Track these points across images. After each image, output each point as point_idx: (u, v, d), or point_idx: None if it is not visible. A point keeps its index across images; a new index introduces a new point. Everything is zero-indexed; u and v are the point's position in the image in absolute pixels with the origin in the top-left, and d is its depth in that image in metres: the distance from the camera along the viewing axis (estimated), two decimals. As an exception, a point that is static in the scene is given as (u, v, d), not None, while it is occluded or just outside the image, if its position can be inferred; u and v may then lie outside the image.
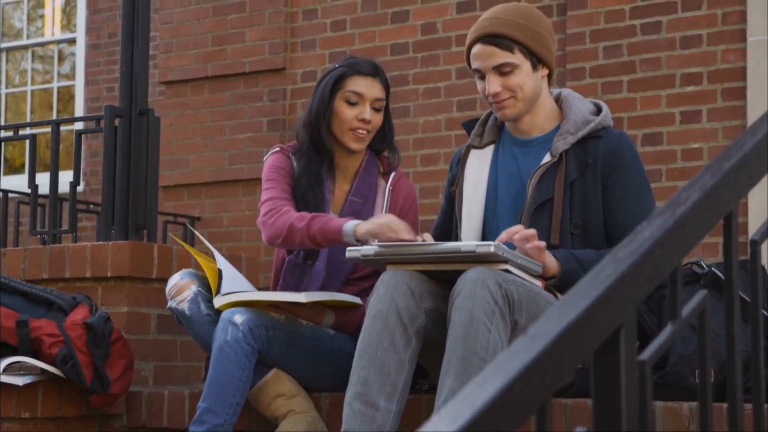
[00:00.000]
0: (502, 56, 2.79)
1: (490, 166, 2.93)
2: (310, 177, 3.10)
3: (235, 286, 2.99)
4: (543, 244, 2.63)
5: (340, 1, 6.32)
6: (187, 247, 3.33)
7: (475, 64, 2.83)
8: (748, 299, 2.37)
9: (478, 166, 2.94)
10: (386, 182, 3.16)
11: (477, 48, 2.82)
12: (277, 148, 3.20)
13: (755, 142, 1.56)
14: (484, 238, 2.89)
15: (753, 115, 5.09)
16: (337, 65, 3.14)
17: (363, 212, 3.11)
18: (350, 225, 2.86)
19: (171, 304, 3.03)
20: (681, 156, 5.28)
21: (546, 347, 1.14)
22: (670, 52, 5.36)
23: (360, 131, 3.08)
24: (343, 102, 3.08)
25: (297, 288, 3.11)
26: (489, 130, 2.98)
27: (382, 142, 3.18)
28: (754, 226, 4.95)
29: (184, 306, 2.99)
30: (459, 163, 2.99)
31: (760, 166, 1.57)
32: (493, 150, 2.95)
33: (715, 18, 5.27)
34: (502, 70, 2.79)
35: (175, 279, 3.05)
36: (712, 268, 2.78)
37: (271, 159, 3.18)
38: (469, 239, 2.87)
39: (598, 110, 2.91)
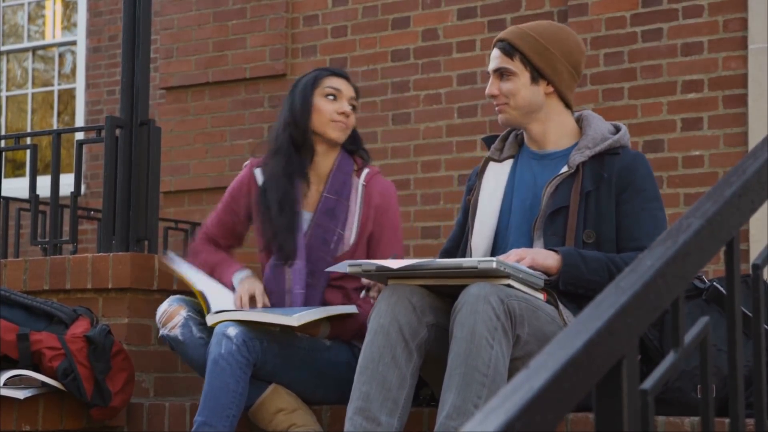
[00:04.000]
0: (502, 61, 2.92)
1: (508, 178, 2.99)
2: (287, 177, 3.16)
3: (222, 302, 3.01)
4: (529, 261, 2.65)
5: (340, 7, 6.31)
6: (176, 273, 3.33)
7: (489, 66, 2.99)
8: (749, 313, 2.37)
9: (495, 178, 3.00)
10: (359, 179, 3.20)
11: (492, 51, 2.97)
12: (247, 163, 3.30)
13: (756, 167, 1.56)
14: (494, 246, 2.92)
15: (754, 123, 5.08)
16: (310, 72, 3.27)
17: (337, 209, 3.15)
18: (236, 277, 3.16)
19: (163, 332, 3.05)
20: (682, 163, 5.28)
21: (547, 382, 1.13)
22: (671, 59, 5.35)
23: (341, 123, 3.18)
24: (322, 98, 3.19)
25: (282, 291, 3.10)
26: (509, 145, 3.05)
27: (353, 142, 3.27)
28: (755, 236, 4.95)
29: (177, 332, 3.01)
30: (477, 174, 3.05)
31: (762, 191, 1.57)
32: (512, 164, 3.01)
33: (716, 25, 5.27)
34: (501, 74, 2.92)
35: (164, 307, 3.08)
36: (714, 283, 2.78)
37: (234, 180, 3.31)
38: (478, 247, 2.90)
39: (617, 131, 2.97)
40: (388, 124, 6.12)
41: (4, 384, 3.09)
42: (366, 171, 3.21)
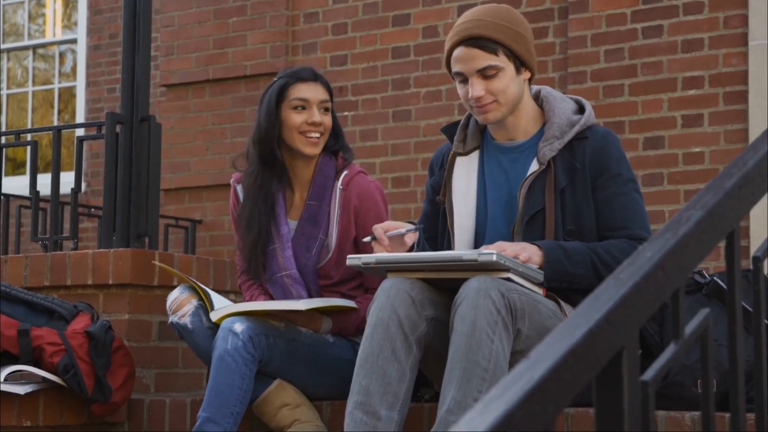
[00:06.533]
0: (486, 59, 2.73)
1: (477, 174, 2.89)
2: (262, 197, 3.12)
3: (225, 301, 3.01)
4: (527, 257, 2.62)
5: (341, 4, 6.32)
6: (173, 272, 3.33)
7: (456, 68, 2.77)
8: (750, 309, 2.37)
9: (466, 176, 2.89)
10: (339, 181, 3.14)
11: (459, 51, 2.75)
12: (232, 179, 3.26)
13: (757, 159, 1.56)
14: (475, 248, 2.86)
15: (754, 119, 5.08)
16: (277, 77, 3.14)
17: (319, 214, 3.11)
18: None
19: (173, 319, 3.04)
20: (682, 160, 5.28)
21: (547, 373, 1.13)
22: (671, 56, 5.35)
23: (312, 135, 3.09)
24: (290, 110, 3.09)
25: (285, 289, 3.11)
26: (471, 135, 2.92)
27: (335, 143, 3.18)
28: (755, 233, 4.95)
29: (186, 320, 3.00)
30: (442, 168, 2.94)
31: (762, 183, 1.57)
32: (479, 157, 2.91)
33: (717, 21, 5.27)
34: (485, 73, 2.74)
35: (175, 294, 3.07)
36: (714, 278, 2.77)
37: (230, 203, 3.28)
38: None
39: (580, 108, 2.88)
40: (389, 122, 6.12)
41: (5, 379, 3.09)
42: (345, 173, 3.13)
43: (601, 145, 2.78)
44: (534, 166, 2.79)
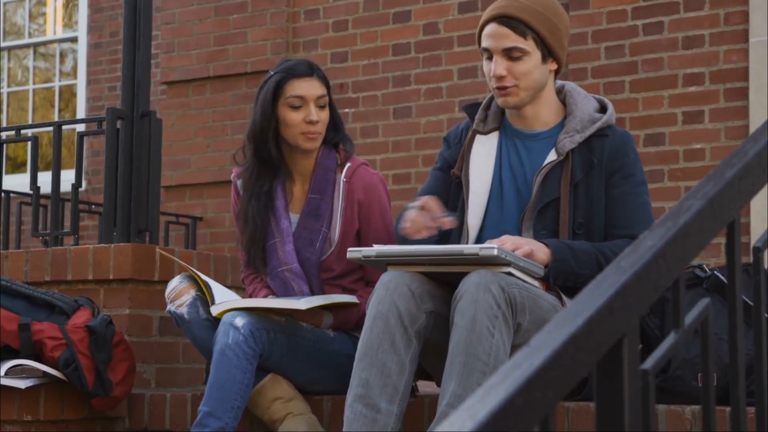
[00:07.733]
0: (514, 40, 2.75)
1: (496, 155, 2.89)
2: (258, 191, 3.12)
3: (227, 295, 3.01)
4: (528, 250, 2.63)
5: (341, 1, 6.32)
6: (176, 260, 3.34)
7: (485, 43, 2.79)
8: (751, 303, 2.37)
9: (484, 155, 2.89)
10: (342, 174, 3.13)
11: (490, 27, 2.78)
12: (233, 175, 3.25)
13: (757, 150, 1.56)
14: (484, 229, 2.86)
15: (755, 116, 5.08)
16: (272, 72, 3.12)
17: (321, 207, 3.10)
18: None
19: (170, 308, 3.04)
20: (683, 156, 5.28)
21: (547, 360, 1.13)
22: (672, 53, 5.35)
23: (311, 133, 3.07)
24: (287, 108, 3.07)
25: (293, 295, 3.10)
26: (492, 116, 2.93)
27: (335, 135, 3.16)
28: (756, 229, 4.95)
29: (183, 310, 3.01)
30: (459, 143, 2.94)
31: (762, 174, 1.57)
32: (498, 138, 2.91)
33: (718, 18, 5.27)
34: (511, 54, 2.76)
35: (174, 283, 3.07)
36: (715, 272, 2.78)
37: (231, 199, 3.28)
38: (474, 226, 2.85)
39: (602, 107, 2.90)
40: (389, 118, 6.12)
41: (6, 374, 3.09)
42: (348, 165, 3.12)
43: (620, 145, 2.81)
44: (552, 156, 2.81)
